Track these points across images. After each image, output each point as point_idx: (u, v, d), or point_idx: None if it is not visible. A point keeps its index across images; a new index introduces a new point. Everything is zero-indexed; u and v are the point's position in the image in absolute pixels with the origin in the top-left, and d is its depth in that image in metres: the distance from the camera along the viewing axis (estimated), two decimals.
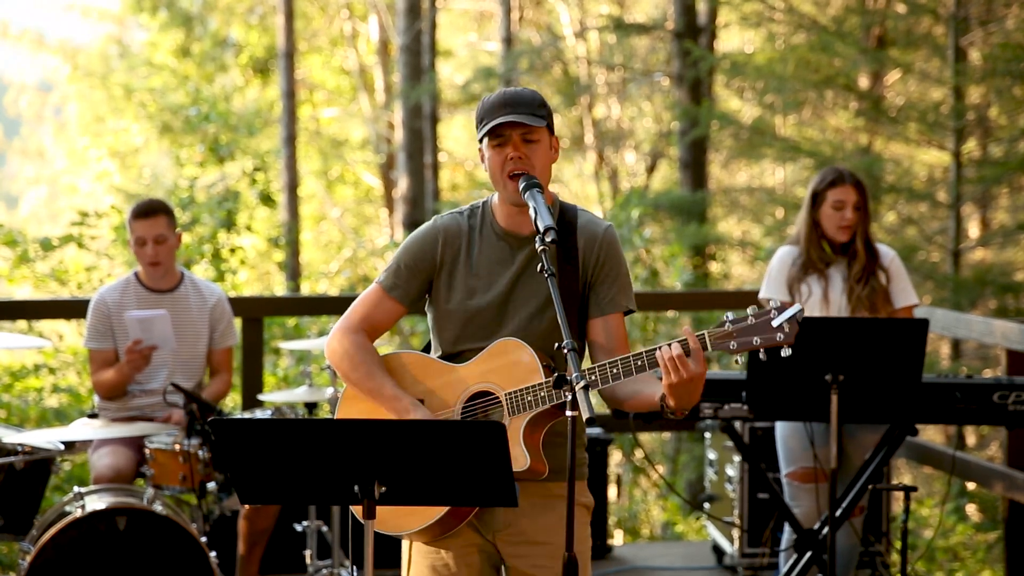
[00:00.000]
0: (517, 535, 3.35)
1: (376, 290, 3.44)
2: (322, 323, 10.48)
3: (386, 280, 3.43)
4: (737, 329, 3.15)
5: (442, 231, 3.40)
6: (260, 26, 21.55)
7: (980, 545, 9.32)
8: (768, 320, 3.14)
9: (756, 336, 3.14)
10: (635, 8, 18.92)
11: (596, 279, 3.38)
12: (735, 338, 3.15)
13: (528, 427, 3.25)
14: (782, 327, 3.13)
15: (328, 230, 22.61)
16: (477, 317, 3.36)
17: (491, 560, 3.39)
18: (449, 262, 3.39)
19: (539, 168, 3.31)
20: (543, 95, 3.39)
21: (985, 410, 5.12)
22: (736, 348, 3.14)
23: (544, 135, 3.34)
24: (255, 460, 3.08)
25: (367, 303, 3.45)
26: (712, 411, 5.14)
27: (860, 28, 12.48)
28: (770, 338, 3.14)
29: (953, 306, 9.84)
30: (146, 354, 5.42)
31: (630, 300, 3.42)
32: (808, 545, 5.16)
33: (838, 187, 5.25)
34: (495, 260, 3.37)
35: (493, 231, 3.39)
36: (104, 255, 11.34)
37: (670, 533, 11.77)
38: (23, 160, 33.87)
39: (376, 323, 3.45)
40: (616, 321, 3.39)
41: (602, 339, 3.37)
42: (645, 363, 3.19)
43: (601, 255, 3.37)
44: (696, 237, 12.74)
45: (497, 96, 3.34)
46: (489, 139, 3.32)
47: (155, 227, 5.54)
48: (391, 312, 3.45)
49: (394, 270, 3.42)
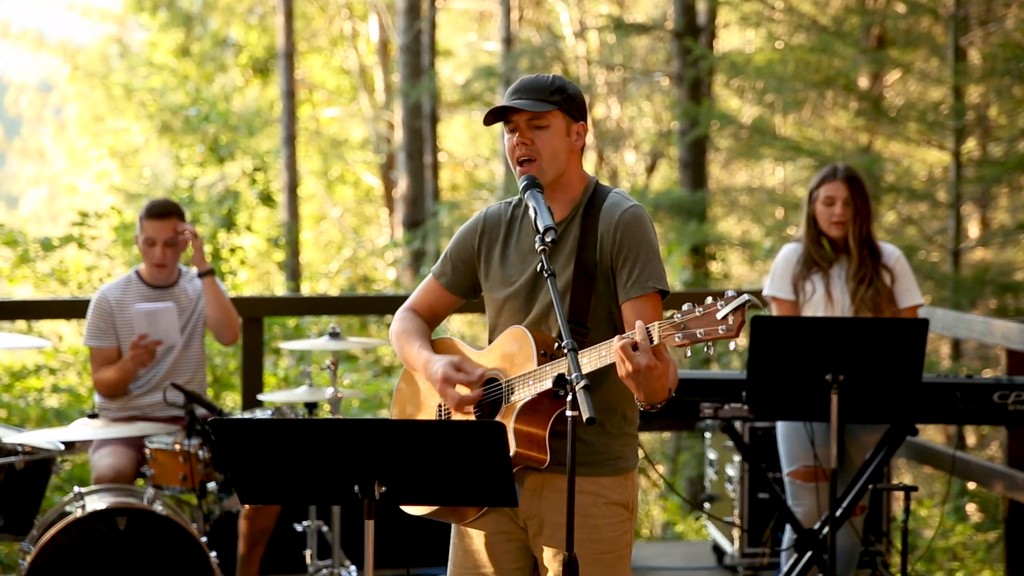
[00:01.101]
0: (542, 526, 3.33)
1: (428, 277, 3.56)
2: (322, 323, 10.48)
3: (436, 267, 3.54)
4: (685, 321, 2.99)
5: (483, 220, 3.47)
6: (260, 26, 21.56)
7: (980, 545, 9.31)
8: (714, 312, 2.96)
9: (701, 328, 2.97)
10: (635, 8, 18.92)
11: (616, 263, 3.29)
12: (680, 330, 3.00)
13: (522, 415, 3.23)
14: (726, 319, 2.94)
15: (328, 230, 22.61)
16: (508, 303, 3.38)
17: (525, 547, 3.38)
18: (486, 250, 3.44)
19: (547, 154, 3.30)
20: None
21: (985, 410, 5.12)
22: (680, 341, 2.99)
23: (556, 120, 3.31)
24: (255, 460, 3.08)
25: (421, 289, 3.57)
26: (712, 411, 5.14)
27: (860, 28, 12.47)
28: (713, 330, 2.95)
29: (953, 306, 9.84)
30: (151, 349, 5.42)
31: (657, 279, 3.26)
32: (808, 545, 5.16)
33: (829, 183, 5.29)
34: (527, 248, 3.38)
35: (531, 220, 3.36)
36: (104, 255, 11.34)
37: (670, 533, 11.76)
38: (23, 160, 33.88)
39: (430, 308, 3.55)
40: (644, 303, 3.24)
41: (630, 324, 3.22)
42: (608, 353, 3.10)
43: (618, 237, 3.27)
44: (696, 237, 12.73)
45: (516, 82, 3.37)
46: (505, 125, 3.35)
47: (166, 230, 5.56)
48: (443, 299, 3.54)
49: (443, 258, 3.53)
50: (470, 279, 3.49)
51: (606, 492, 3.31)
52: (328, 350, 5.80)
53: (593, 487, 3.29)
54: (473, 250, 3.46)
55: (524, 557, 3.38)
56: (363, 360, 12.17)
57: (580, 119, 3.35)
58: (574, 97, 3.34)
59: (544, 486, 3.31)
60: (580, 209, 3.35)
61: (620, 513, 3.32)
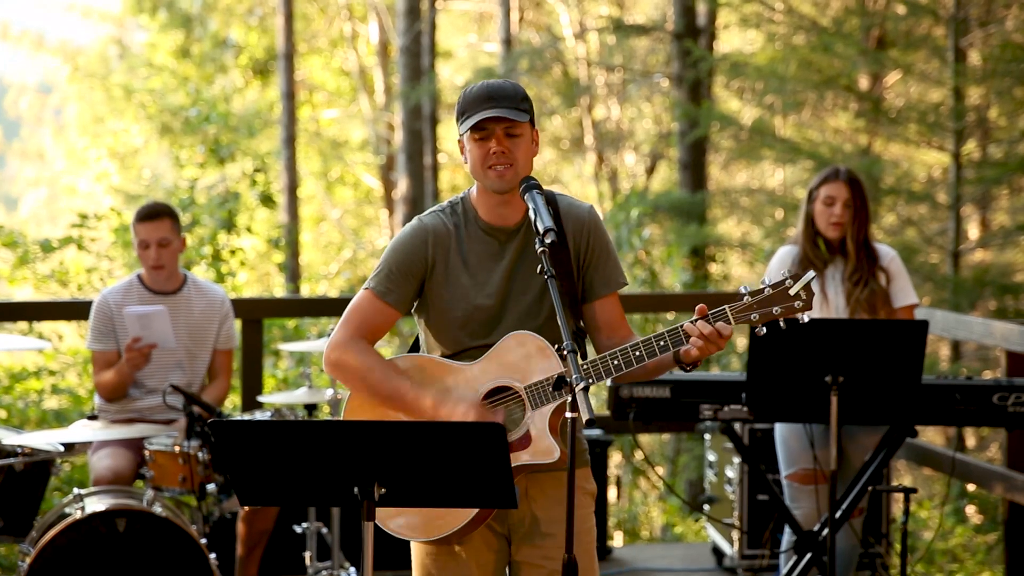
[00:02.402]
0: (530, 526, 3.36)
1: (368, 296, 3.39)
2: (322, 325, 10.47)
3: (378, 285, 3.38)
4: (756, 301, 3.23)
5: (431, 232, 3.38)
6: (260, 27, 21.56)
7: (980, 547, 9.31)
8: (785, 289, 3.23)
9: (775, 306, 3.23)
10: (635, 9, 18.92)
11: (589, 263, 3.41)
12: (755, 309, 3.23)
13: (552, 417, 3.28)
14: (799, 295, 3.22)
15: (328, 231, 22.61)
16: (476, 315, 3.35)
17: (503, 559, 3.40)
18: (440, 262, 3.37)
19: (522, 162, 3.32)
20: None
21: (985, 411, 5.12)
22: (757, 319, 3.23)
23: (527, 129, 3.34)
24: (255, 462, 3.08)
25: (361, 310, 3.39)
26: (712, 413, 5.14)
27: (860, 29, 12.47)
28: (789, 307, 3.22)
29: (953, 307, 9.84)
30: (145, 352, 5.41)
31: (622, 274, 3.46)
32: (808, 547, 5.16)
33: (830, 183, 5.29)
34: (486, 256, 3.37)
35: (478, 226, 3.39)
36: (104, 256, 11.34)
37: (670, 535, 11.76)
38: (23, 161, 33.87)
39: (373, 330, 3.40)
40: (613, 300, 3.44)
41: (602, 320, 3.42)
42: (669, 343, 3.24)
43: (591, 239, 3.40)
44: (696, 238, 12.73)
45: (480, 88, 3.32)
46: (472, 132, 3.31)
47: (158, 230, 5.54)
48: (387, 317, 3.40)
49: (385, 274, 3.38)
50: (413, 294, 3.40)
51: (583, 483, 3.40)
52: None
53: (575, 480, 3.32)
54: (425, 263, 3.37)
55: (499, 569, 3.41)
56: None
57: (535, 126, 3.41)
58: (532, 105, 3.39)
59: (529, 487, 3.34)
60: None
61: (590, 503, 3.44)
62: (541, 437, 3.26)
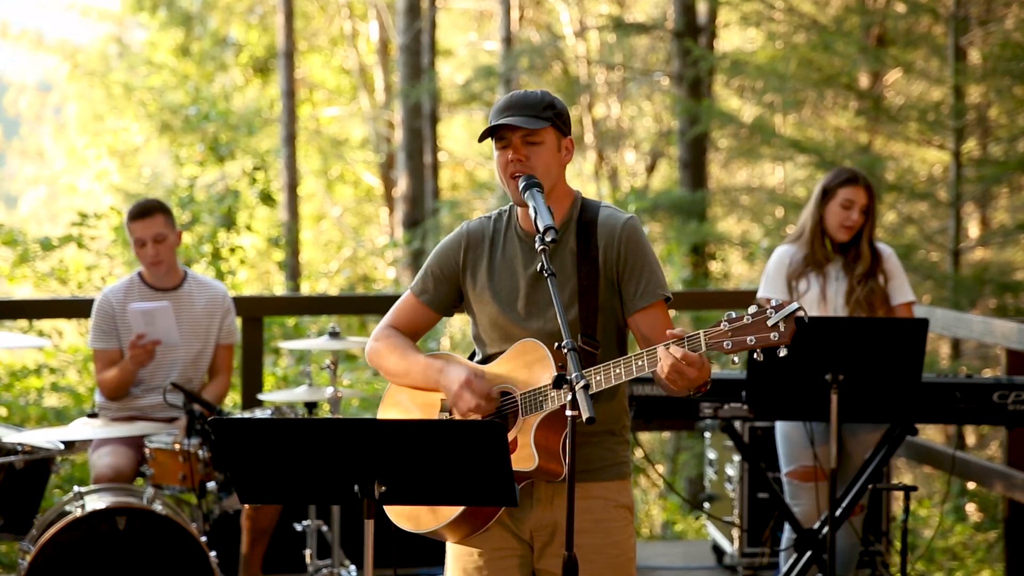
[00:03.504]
0: (552, 534, 3.34)
1: (407, 295, 3.51)
2: (322, 323, 10.48)
3: (416, 285, 3.48)
4: (733, 328, 3.10)
5: (466, 236, 3.44)
6: (260, 25, 21.55)
7: (980, 545, 9.31)
8: (764, 319, 3.08)
9: (751, 335, 3.08)
10: (635, 8, 18.91)
11: (623, 275, 3.35)
12: (730, 337, 3.09)
13: (541, 428, 3.24)
14: (777, 326, 3.07)
15: (328, 230, 22.60)
16: (502, 319, 3.37)
17: (526, 565, 3.38)
18: (472, 266, 3.41)
19: (541, 169, 3.31)
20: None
21: (985, 410, 5.12)
22: (731, 348, 3.09)
23: (549, 136, 3.32)
24: (255, 460, 3.08)
25: (400, 308, 3.51)
26: (712, 410, 5.14)
27: (860, 27, 12.47)
28: (765, 337, 3.08)
29: (953, 305, 9.84)
30: (149, 349, 5.41)
31: (663, 287, 3.35)
32: (808, 544, 5.16)
33: (850, 186, 5.25)
34: (516, 262, 3.38)
35: (516, 233, 3.41)
36: (104, 255, 11.34)
37: (670, 532, 11.76)
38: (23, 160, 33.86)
39: (410, 326, 3.49)
40: (654, 313, 3.33)
41: (644, 332, 3.33)
42: (645, 363, 3.18)
43: (622, 250, 3.33)
44: (696, 236, 12.73)
45: (505, 98, 3.35)
46: (495, 141, 3.33)
47: (152, 226, 5.54)
48: (424, 317, 3.49)
49: (423, 275, 3.48)
50: (452, 296, 3.46)
51: (615, 496, 3.35)
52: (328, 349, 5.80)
53: (603, 492, 3.33)
54: (458, 266, 3.43)
55: (522, 574, 3.39)
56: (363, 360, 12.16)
57: (568, 134, 3.38)
58: (563, 113, 3.37)
59: (555, 495, 3.32)
60: (572, 223, 3.38)
61: (626, 516, 3.38)
62: (524, 445, 3.24)
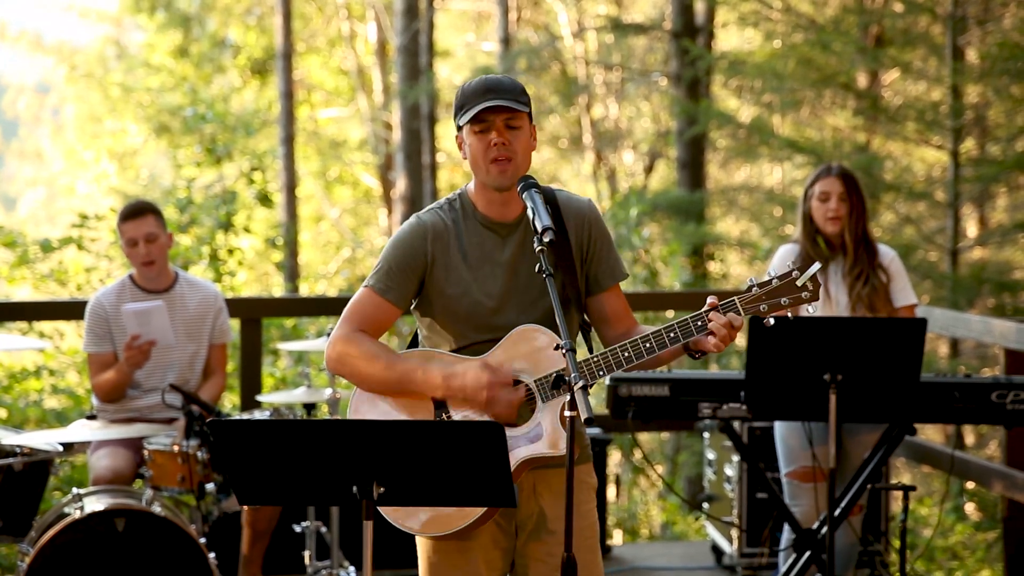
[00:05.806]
0: (537, 522, 3.37)
1: (367, 294, 3.37)
2: (320, 324, 10.48)
3: (377, 283, 3.36)
4: (765, 292, 3.29)
5: (429, 228, 3.36)
6: (258, 27, 21.56)
7: (979, 544, 9.32)
8: (792, 281, 3.30)
9: (783, 297, 3.30)
10: (633, 8, 18.92)
11: (592, 257, 3.43)
12: (764, 300, 3.29)
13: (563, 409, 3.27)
14: (806, 286, 3.30)
15: (326, 231, 22.61)
16: (478, 309, 3.34)
17: (509, 555, 3.41)
18: (440, 258, 3.36)
19: (521, 154, 3.32)
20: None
21: (983, 409, 5.12)
22: (767, 310, 3.29)
23: (525, 122, 3.34)
24: (254, 461, 3.08)
25: (361, 308, 3.37)
26: (711, 411, 5.13)
27: (858, 27, 12.47)
28: (797, 297, 3.30)
29: (951, 305, 9.84)
30: (145, 350, 5.41)
31: (623, 266, 3.50)
32: (807, 544, 5.16)
33: (823, 179, 5.34)
34: (486, 251, 3.36)
35: (477, 221, 3.38)
36: (104, 256, 11.34)
37: (669, 533, 11.77)
38: (21, 161, 33.87)
39: (376, 326, 3.38)
40: (618, 291, 3.47)
41: (610, 312, 3.44)
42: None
43: (592, 231, 3.42)
44: (694, 237, 12.74)
45: (479, 82, 3.32)
46: (471, 125, 3.30)
47: (144, 226, 5.55)
48: (387, 314, 3.38)
49: (384, 272, 3.36)
50: (413, 291, 3.39)
51: (585, 478, 3.42)
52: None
53: (577, 474, 3.34)
54: (426, 258, 3.35)
55: (504, 564, 3.41)
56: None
57: (532, 123, 3.41)
58: (530, 101, 3.39)
59: (537, 483, 3.35)
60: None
61: (593, 497, 3.46)
62: (556, 428, 3.27)
